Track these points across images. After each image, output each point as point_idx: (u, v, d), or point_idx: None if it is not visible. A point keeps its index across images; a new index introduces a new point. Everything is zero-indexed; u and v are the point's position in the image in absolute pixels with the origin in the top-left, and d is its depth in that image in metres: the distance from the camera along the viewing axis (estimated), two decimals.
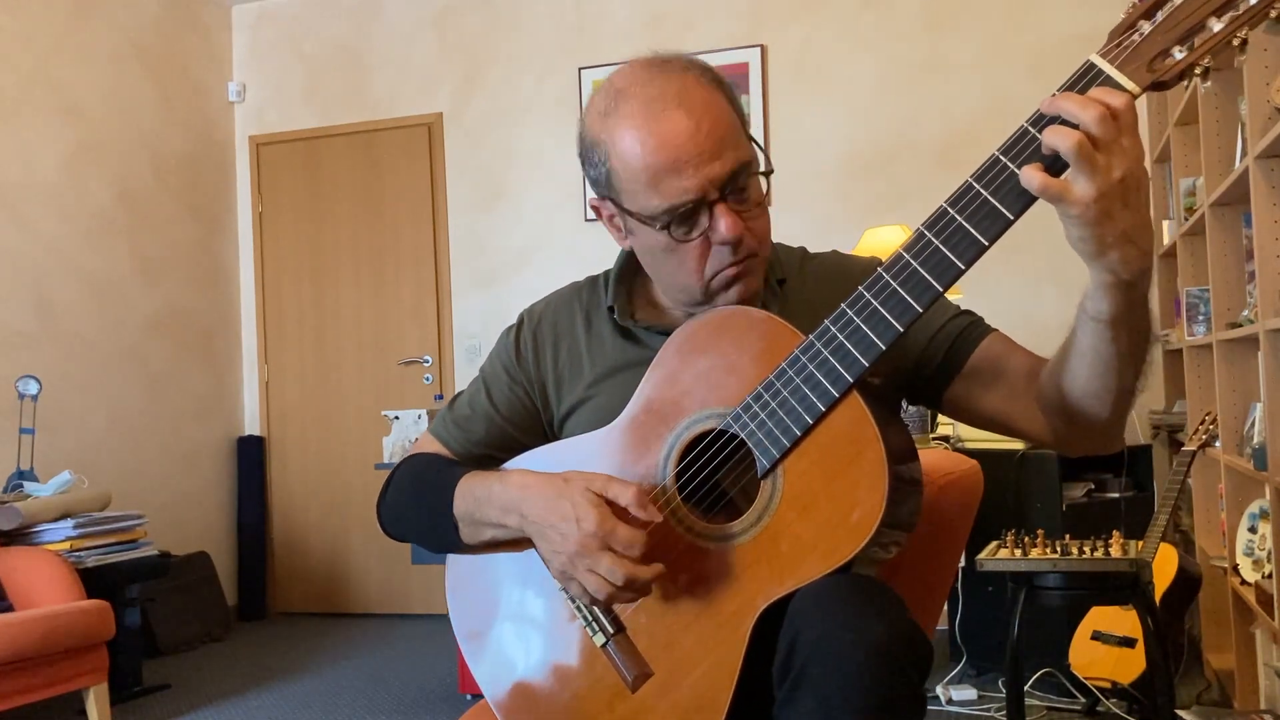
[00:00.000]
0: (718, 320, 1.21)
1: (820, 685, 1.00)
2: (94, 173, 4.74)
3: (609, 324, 1.37)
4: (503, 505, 1.23)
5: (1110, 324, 1.03)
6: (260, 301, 5.50)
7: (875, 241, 3.89)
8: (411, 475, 1.39)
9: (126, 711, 3.69)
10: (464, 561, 1.37)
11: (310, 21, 5.47)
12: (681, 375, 1.22)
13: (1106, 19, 2.52)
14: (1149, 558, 2.57)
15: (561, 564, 1.16)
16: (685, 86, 1.19)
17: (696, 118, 1.16)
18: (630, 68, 1.23)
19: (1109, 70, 0.97)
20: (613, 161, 1.21)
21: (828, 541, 1.08)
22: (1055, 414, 1.17)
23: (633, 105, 1.19)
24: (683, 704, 1.15)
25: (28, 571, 3.42)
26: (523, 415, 1.39)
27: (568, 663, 1.25)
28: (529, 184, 5.13)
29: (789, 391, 1.12)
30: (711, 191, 1.18)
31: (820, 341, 1.11)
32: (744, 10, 4.83)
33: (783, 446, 1.12)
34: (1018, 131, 1.01)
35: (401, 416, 4.04)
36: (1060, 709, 3.15)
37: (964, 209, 1.03)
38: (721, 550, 1.15)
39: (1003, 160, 1.01)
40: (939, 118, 4.57)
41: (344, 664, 4.29)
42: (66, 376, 4.50)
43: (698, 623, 1.15)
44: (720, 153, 1.17)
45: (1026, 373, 1.21)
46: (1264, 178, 2.45)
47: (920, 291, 1.06)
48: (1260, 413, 2.56)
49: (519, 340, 1.41)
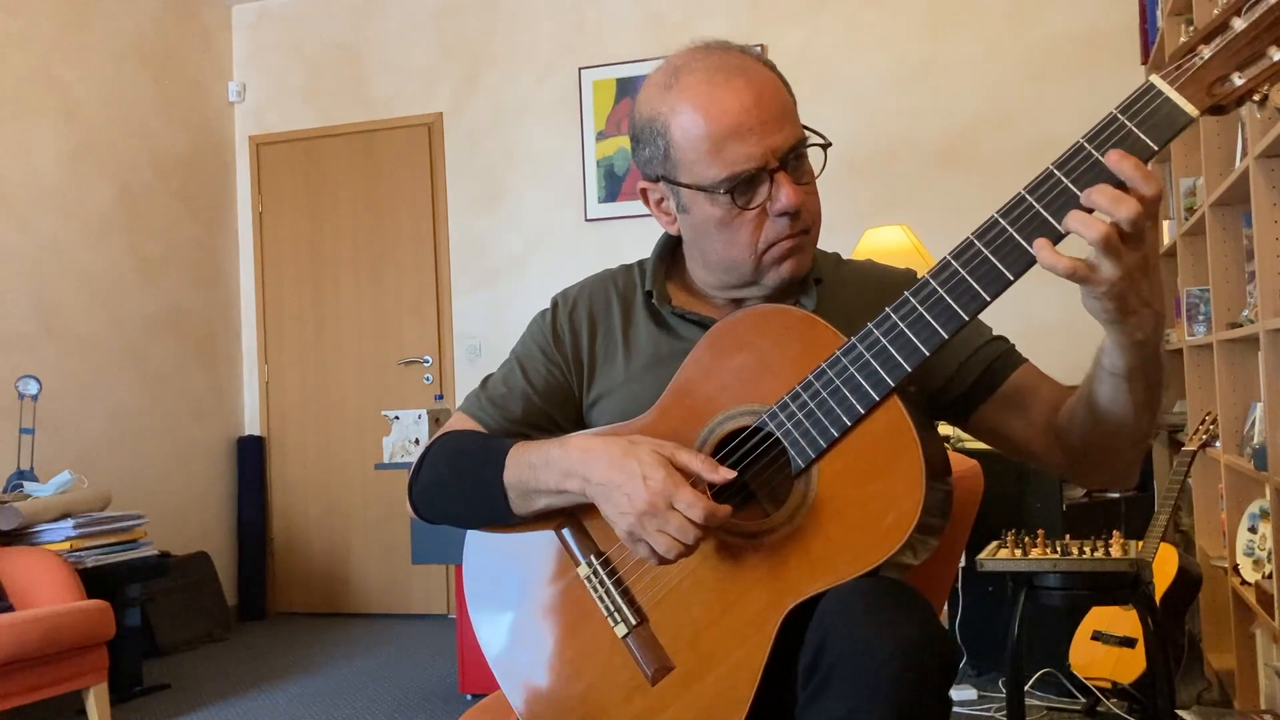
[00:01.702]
0: (756, 317, 1.21)
1: (850, 686, 1.00)
2: (94, 173, 4.74)
3: (645, 311, 1.36)
4: (564, 470, 1.21)
5: (1127, 378, 1.08)
6: (260, 301, 5.50)
7: (875, 241, 3.88)
8: (452, 450, 1.36)
9: (126, 711, 3.69)
10: (484, 548, 1.36)
11: (310, 21, 5.47)
12: (717, 370, 1.21)
13: (1106, 19, 2.55)
14: (1149, 558, 2.56)
15: (629, 524, 1.14)
16: (745, 63, 1.23)
17: (759, 88, 1.20)
18: (687, 50, 1.28)
19: (1169, 92, 0.99)
20: (673, 133, 1.22)
21: (860, 544, 1.08)
22: (1071, 452, 1.22)
23: (696, 76, 1.22)
24: (703, 700, 1.14)
25: (28, 571, 3.42)
26: (559, 395, 1.38)
27: (586, 652, 1.23)
28: (529, 184, 5.13)
29: (828, 392, 1.12)
30: (772, 160, 1.19)
31: (863, 344, 1.11)
32: (744, 10, 4.83)
33: (819, 447, 1.12)
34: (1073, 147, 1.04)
35: (401, 416, 4.03)
36: (1060, 709, 3.15)
37: (1015, 220, 1.04)
38: (751, 547, 1.15)
39: (1056, 175, 1.03)
40: (939, 118, 4.56)
41: (344, 664, 4.29)
42: (66, 376, 4.50)
43: (723, 619, 1.15)
44: (782, 124, 1.20)
45: (1051, 405, 1.25)
46: (1264, 178, 2.45)
47: (967, 300, 1.07)
48: (1260, 413, 2.56)
49: (556, 322, 1.40)
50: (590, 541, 1.25)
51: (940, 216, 4.42)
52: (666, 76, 1.25)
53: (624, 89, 4.96)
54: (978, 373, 1.28)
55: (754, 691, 1.11)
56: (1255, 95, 0.98)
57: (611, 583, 1.22)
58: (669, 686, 1.17)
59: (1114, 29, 4.33)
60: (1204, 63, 0.98)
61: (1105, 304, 1.00)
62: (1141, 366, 1.07)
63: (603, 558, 1.24)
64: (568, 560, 1.25)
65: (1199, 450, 2.99)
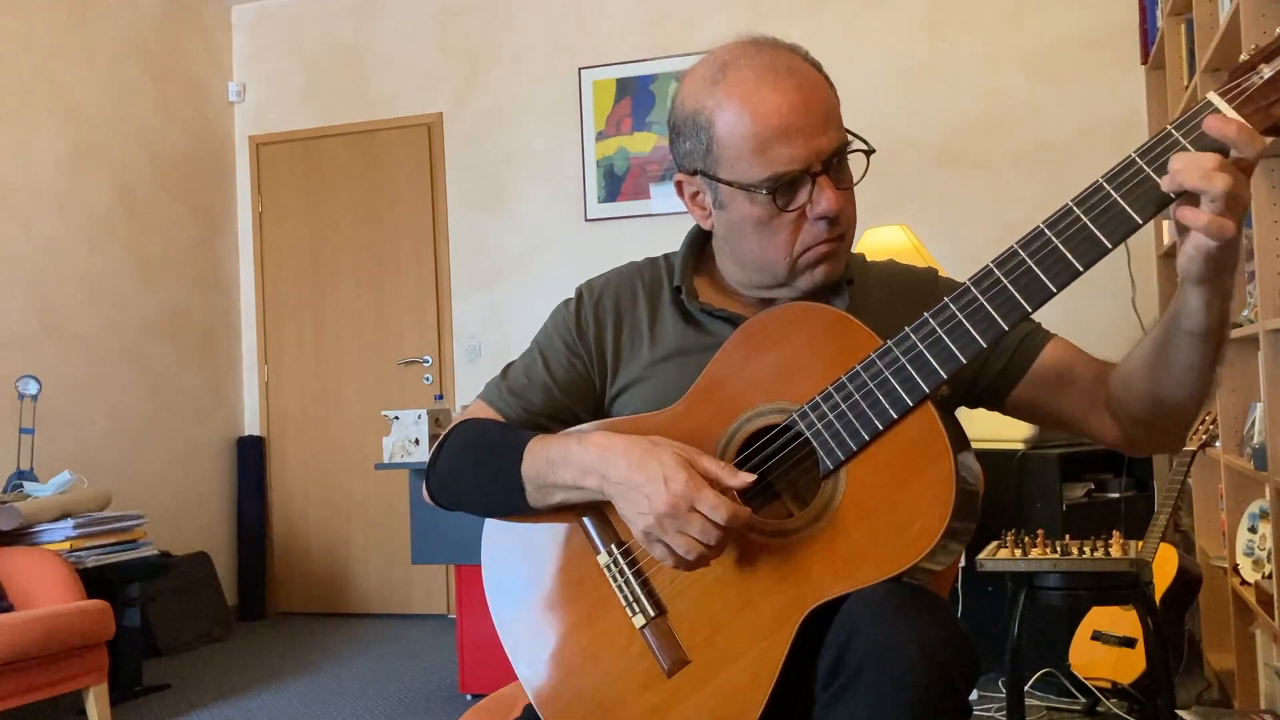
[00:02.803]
0: (791, 315, 1.20)
1: (874, 689, 1.00)
2: (94, 173, 4.74)
3: (672, 305, 1.35)
4: (582, 466, 1.21)
5: (1205, 336, 1.08)
6: (260, 301, 5.50)
7: (875, 241, 3.88)
8: (471, 439, 1.36)
9: (126, 711, 3.69)
10: (503, 534, 1.35)
11: (310, 21, 5.47)
12: (747, 366, 1.21)
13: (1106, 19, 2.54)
14: (1149, 558, 2.56)
15: (647, 525, 1.14)
16: (794, 63, 1.23)
17: (807, 90, 1.20)
18: (735, 44, 1.26)
19: (1228, 111, 0.97)
20: (717, 128, 1.21)
21: (887, 549, 1.08)
22: (1132, 420, 1.22)
23: (744, 73, 1.21)
24: (718, 695, 1.14)
25: (28, 571, 3.42)
26: (580, 388, 1.37)
27: (603, 643, 1.23)
28: (529, 184, 5.13)
29: (861, 395, 1.11)
30: (816, 164, 1.19)
31: (899, 349, 1.11)
32: (744, 10, 4.83)
33: (849, 449, 1.11)
34: (1126, 161, 1.02)
35: (401, 417, 4.03)
36: (1060, 709, 3.15)
37: (1062, 233, 1.03)
38: (775, 545, 1.14)
39: (1105, 189, 1.02)
40: (939, 118, 4.56)
41: (344, 664, 4.29)
42: (66, 376, 4.50)
43: (742, 615, 1.14)
44: (827, 127, 1.20)
45: (1094, 377, 1.25)
46: (1264, 178, 2.45)
47: (1008, 310, 1.06)
48: (1260, 413, 2.56)
49: (580, 313, 1.38)
50: (611, 530, 1.24)
51: (940, 216, 4.42)
52: (713, 70, 1.24)
53: (624, 89, 4.96)
54: (1006, 358, 1.29)
55: (770, 690, 1.11)
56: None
57: (632, 573, 1.22)
58: (685, 680, 1.16)
59: (1114, 29, 4.33)
60: (1265, 81, 0.96)
61: (1213, 257, 0.99)
62: (1220, 325, 1.07)
63: (624, 547, 1.23)
64: (587, 548, 1.25)
65: (1199, 450, 2.99)
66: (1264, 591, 2.47)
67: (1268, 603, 2.44)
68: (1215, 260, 0.99)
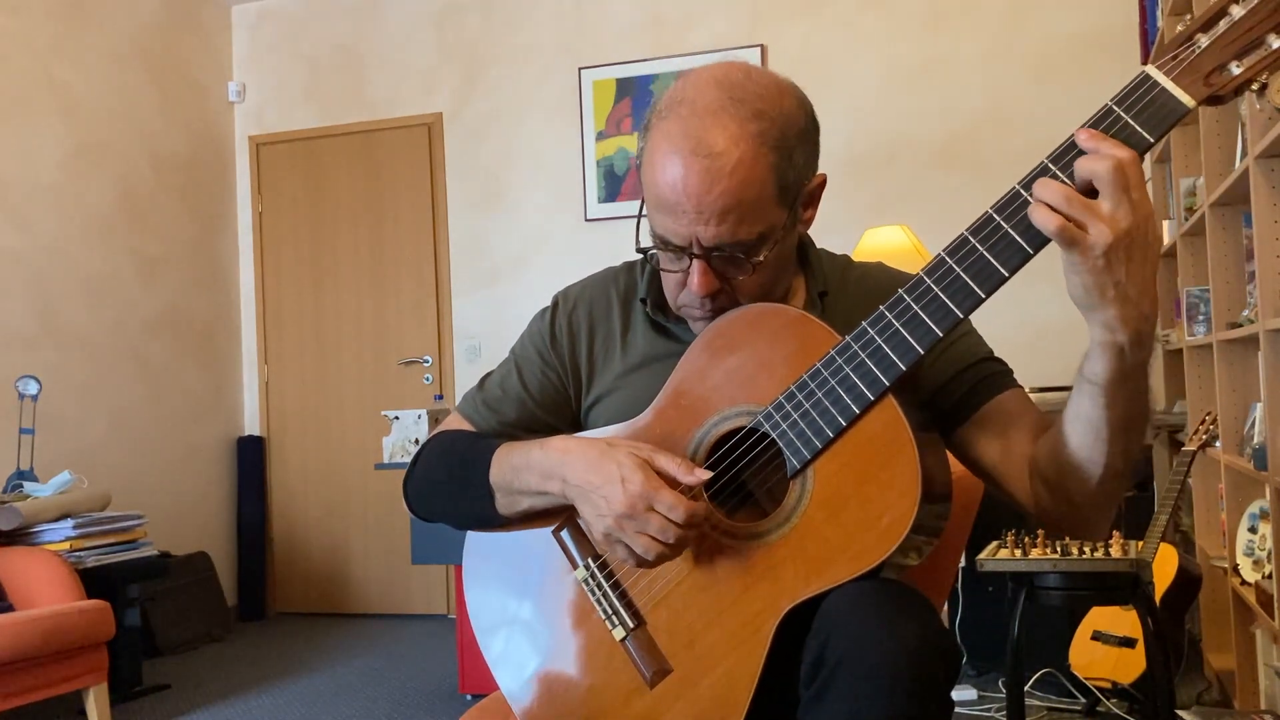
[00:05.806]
0: (751, 317, 1.20)
1: (853, 688, 1.00)
2: (94, 173, 4.74)
3: (643, 314, 1.36)
4: (543, 471, 1.22)
5: (1104, 388, 1.03)
6: (260, 301, 5.50)
7: (875, 241, 3.89)
8: (442, 450, 1.37)
9: (126, 711, 3.69)
10: (483, 550, 1.36)
11: (310, 21, 5.47)
12: (711, 371, 1.21)
13: (1106, 19, 2.55)
14: (1149, 558, 2.56)
15: (606, 527, 1.14)
16: (726, 139, 1.12)
17: (709, 180, 1.12)
18: (702, 82, 1.17)
19: (1165, 82, 0.96)
20: (643, 161, 1.21)
21: (857, 545, 1.08)
22: (1040, 481, 1.16)
23: (671, 127, 1.16)
24: (701, 702, 1.14)
25: (28, 571, 3.42)
26: (554, 399, 1.38)
27: (585, 656, 1.23)
28: (529, 184, 5.13)
29: (823, 393, 1.11)
30: (695, 247, 1.17)
31: (858, 344, 1.10)
32: (744, 10, 4.83)
33: (814, 447, 1.11)
34: (1065, 144, 1.01)
35: (401, 416, 4.04)
36: (1060, 709, 3.15)
37: (1010, 216, 1.02)
38: (747, 549, 1.14)
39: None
40: (939, 118, 4.57)
41: (344, 664, 4.29)
42: (66, 376, 4.50)
43: (719, 621, 1.15)
44: (720, 220, 1.14)
45: (1030, 435, 1.20)
46: (1264, 178, 2.45)
47: (962, 297, 1.05)
48: (1260, 413, 2.56)
49: (554, 323, 1.39)
50: (588, 544, 1.25)
51: (940, 216, 4.41)
52: (665, 103, 1.19)
53: (624, 89, 4.96)
54: (963, 390, 1.25)
55: (751, 694, 1.11)
56: (1254, 84, 0.96)
57: (609, 585, 1.22)
58: (668, 689, 1.17)
59: (1114, 29, 4.33)
60: (1201, 51, 0.96)
61: (1085, 279, 0.97)
62: (1120, 382, 1.02)
63: (600, 560, 1.23)
64: (565, 563, 1.25)
65: (1199, 450, 2.99)
66: (1264, 591, 2.47)
67: (1268, 603, 2.44)
68: (1094, 273, 0.96)
